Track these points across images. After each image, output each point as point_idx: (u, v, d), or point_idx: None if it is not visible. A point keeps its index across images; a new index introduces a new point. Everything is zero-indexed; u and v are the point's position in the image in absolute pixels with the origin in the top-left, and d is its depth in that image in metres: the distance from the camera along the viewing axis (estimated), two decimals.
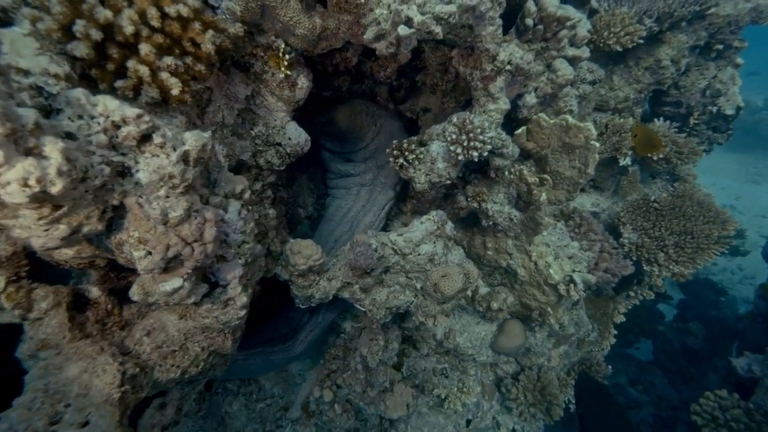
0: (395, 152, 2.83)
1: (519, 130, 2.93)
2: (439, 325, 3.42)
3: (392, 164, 2.87)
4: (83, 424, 1.44)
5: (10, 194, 1.07)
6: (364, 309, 2.86)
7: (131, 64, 1.46)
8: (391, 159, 2.85)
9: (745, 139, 14.80)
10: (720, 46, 3.96)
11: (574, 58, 2.70)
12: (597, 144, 2.72)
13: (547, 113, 2.87)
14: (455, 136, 2.60)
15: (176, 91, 1.55)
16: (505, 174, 2.93)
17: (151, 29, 1.46)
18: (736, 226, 3.66)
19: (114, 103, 1.30)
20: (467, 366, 3.80)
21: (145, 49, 1.46)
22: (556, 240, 3.18)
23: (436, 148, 2.77)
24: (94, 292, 1.82)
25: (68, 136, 1.24)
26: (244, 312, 1.95)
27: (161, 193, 1.42)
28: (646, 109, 4.48)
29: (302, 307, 2.86)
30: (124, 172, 1.39)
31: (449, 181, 2.86)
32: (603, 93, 3.81)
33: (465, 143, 2.55)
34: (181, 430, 3.05)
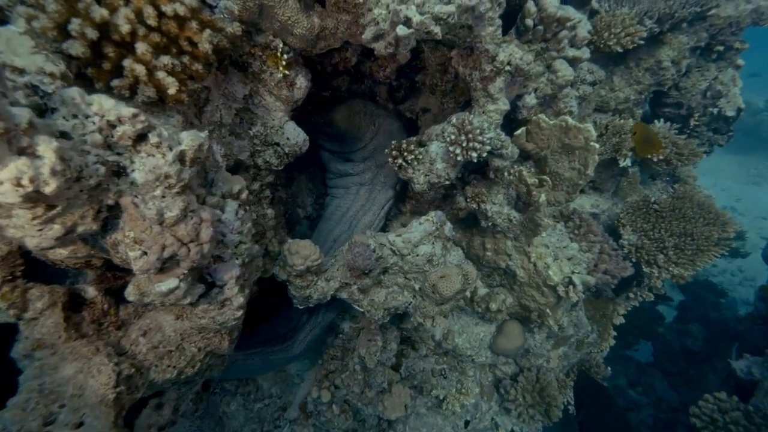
0: (394, 152, 2.82)
1: (518, 131, 2.92)
2: (438, 326, 3.41)
3: (391, 164, 2.86)
4: (78, 425, 1.43)
5: (3, 194, 1.06)
6: (363, 310, 2.85)
7: (127, 63, 1.45)
8: (389, 159, 2.85)
9: (746, 141, 14.79)
10: (721, 48, 3.95)
11: (574, 59, 2.69)
12: (597, 145, 2.71)
13: (546, 114, 2.86)
14: (454, 136, 2.59)
15: (173, 91, 1.53)
16: (505, 175, 2.92)
17: (147, 28, 1.45)
18: (736, 228, 3.64)
19: (109, 102, 1.30)
20: (466, 367, 3.79)
21: (142, 48, 1.45)
22: (555, 241, 3.17)
23: (435, 148, 2.76)
24: (91, 291, 1.82)
25: (63, 135, 1.23)
26: (240, 313, 1.94)
27: (157, 193, 1.41)
28: (646, 111, 4.47)
29: (300, 307, 2.85)
30: (120, 171, 1.38)
31: (448, 182, 2.85)
32: (603, 94, 3.80)
33: (464, 144, 2.55)
34: (178, 430, 3.04)
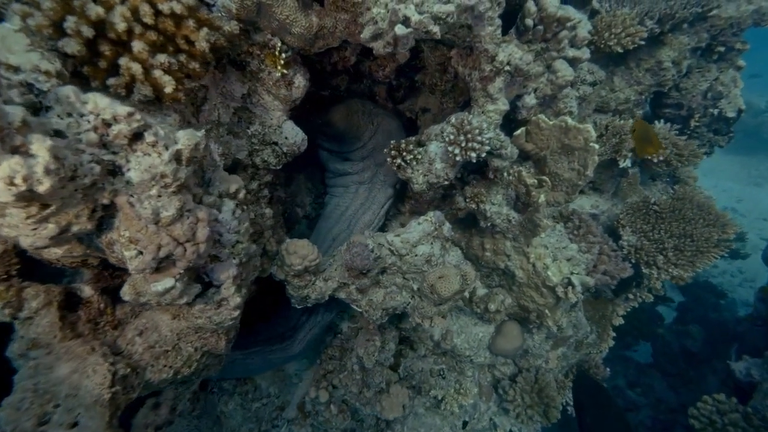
0: (393, 152, 2.81)
1: (518, 131, 2.91)
2: (437, 326, 3.41)
3: (390, 164, 2.85)
4: (72, 425, 1.42)
5: None
6: (361, 310, 2.84)
7: (124, 61, 1.44)
8: (388, 159, 2.84)
9: (748, 142, 14.76)
10: (722, 48, 3.94)
11: (574, 59, 2.68)
12: (596, 146, 2.70)
13: (546, 114, 2.85)
14: (453, 136, 2.58)
15: (170, 89, 1.52)
16: (504, 175, 2.91)
17: (144, 26, 1.44)
18: (736, 230, 3.63)
19: (104, 100, 1.29)
20: (464, 367, 3.79)
21: (138, 46, 1.44)
22: (554, 242, 3.16)
23: (434, 148, 2.75)
24: (87, 291, 1.81)
25: (57, 134, 1.22)
26: (237, 312, 1.93)
27: (153, 192, 1.40)
28: (646, 111, 4.46)
29: (298, 307, 2.84)
30: (115, 170, 1.37)
31: (447, 182, 2.84)
32: (603, 94, 3.79)
33: (463, 144, 2.53)
34: (175, 430, 3.03)
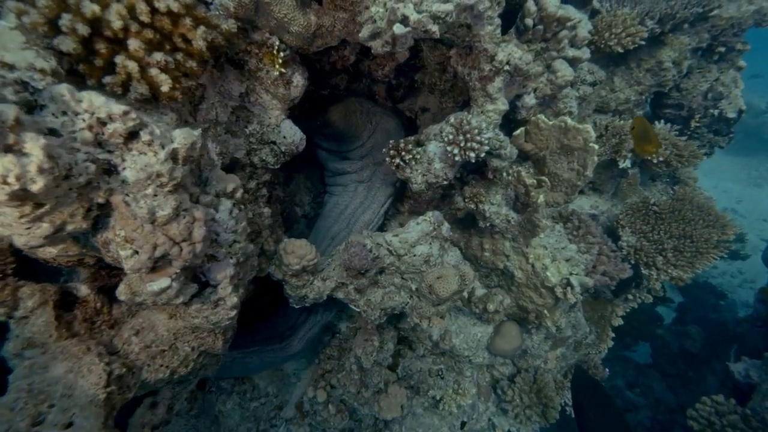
0: (392, 152, 2.80)
1: (517, 131, 2.90)
2: (435, 327, 3.40)
3: (389, 164, 2.84)
4: (67, 425, 1.42)
5: None
6: (359, 310, 2.84)
7: (120, 59, 1.43)
8: (387, 159, 2.83)
9: (748, 143, 14.75)
10: (722, 49, 3.93)
11: (574, 59, 2.67)
12: (596, 146, 2.69)
13: (546, 114, 2.84)
14: (452, 136, 2.57)
15: (166, 88, 1.51)
16: (503, 175, 2.90)
17: (140, 24, 1.43)
18: (735, 231, 3.62)
19: (100, 99, 1.28)
20: (463, 367, 3.78)
21: (134, 44, 1.43)
22: (553, 242, 3.15)
23: (433, 148, 2.74)
24: (83, 290, 1.80)
25: (52, 132, 1.21)
26: (234, 312, 1.92)
27: (149, 191, 1.39)
28: (647, 112, 4.45)
29: (297, 306, 2.84)
30: (111, 169, 1.36)
31: (446, 182, 2.83)
32: (603, 94, 3.77)
33: (462, 144, 2.52)
34: (173, 429, 3.03)
